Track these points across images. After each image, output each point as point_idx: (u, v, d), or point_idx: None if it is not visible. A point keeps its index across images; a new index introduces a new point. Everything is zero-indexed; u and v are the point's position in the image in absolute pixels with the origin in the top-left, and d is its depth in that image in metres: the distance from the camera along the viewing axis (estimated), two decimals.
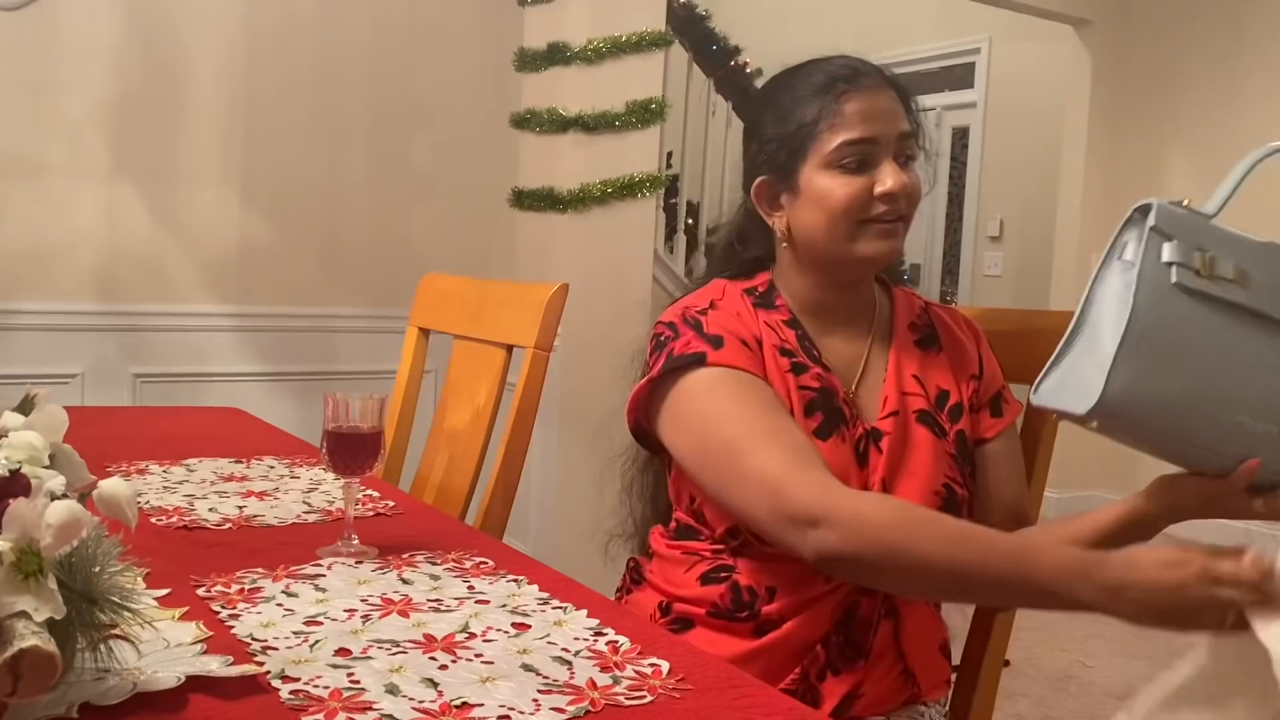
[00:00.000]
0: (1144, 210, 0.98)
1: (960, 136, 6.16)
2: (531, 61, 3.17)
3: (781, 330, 1.19)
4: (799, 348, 1.18)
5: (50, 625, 0.68)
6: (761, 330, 1.17)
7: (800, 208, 1.17)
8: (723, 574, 1.16)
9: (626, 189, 3.11)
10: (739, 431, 1.08)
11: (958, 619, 1.34)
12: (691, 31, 4.20)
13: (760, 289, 1.23)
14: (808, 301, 1.21)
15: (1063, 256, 5.09)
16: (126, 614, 0.74)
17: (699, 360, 1.12)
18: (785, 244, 1.20)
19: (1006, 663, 3.16)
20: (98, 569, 0.73)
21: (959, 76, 6.08)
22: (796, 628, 1.13)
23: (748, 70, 4.31)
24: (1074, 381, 0.96)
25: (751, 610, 1.14)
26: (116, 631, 0.77)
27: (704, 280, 1.28)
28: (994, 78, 5.87)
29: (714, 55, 4.31)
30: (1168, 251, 0.96)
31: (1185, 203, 1.00)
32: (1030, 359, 1.28)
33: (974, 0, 4.82)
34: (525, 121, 3.20)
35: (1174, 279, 0.95)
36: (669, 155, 4.44)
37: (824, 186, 1.14)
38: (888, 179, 1.12)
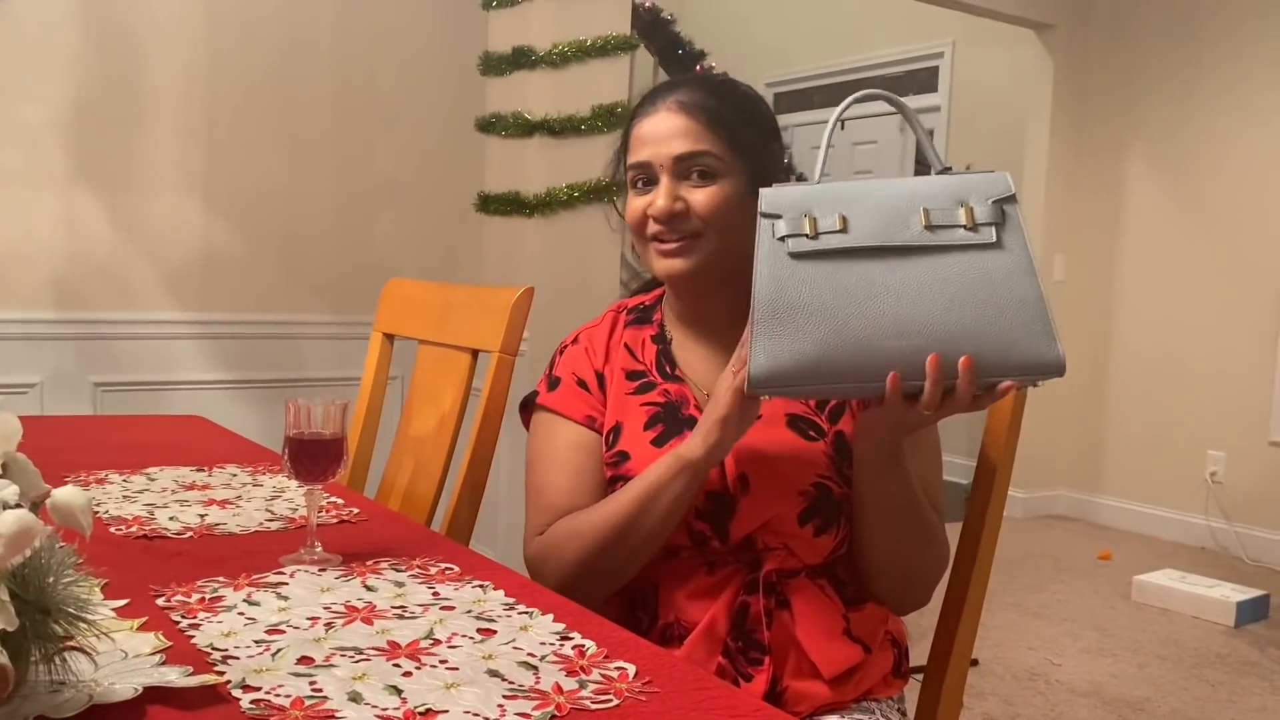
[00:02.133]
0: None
1: None
2: (496, 65, 3.17)
3: (644, 348, 1.28)
4: (654, 364, 1.26)
5: (2, 637, 0.66)
6: (614, 358, 1.28)
7: None
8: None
9: (593, 193, 3.11)
10: (531, 480, 1.28)
11: (925, 618, 1.34)
12: (657, 35, 4.21)
13: (647, 304, 1.33)
14: (679, 312, 1.28)
15: None
16: (82, 625, 0.73)
17: (534, 398, 1.31)
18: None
19: (975, 662, 3.20)
20: (52, 579, 0.71)
21: (923, 80, 6.12)
22: (700, 633, 1.15)
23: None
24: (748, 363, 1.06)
25: (646, 609, 1.19)
26: (72, 643, 0.76)
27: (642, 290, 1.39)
28: (957, 81, 5.92)
29: (680, 59, 4.32)
30: (778, 229, 1.04)
31: (795, 178, 1.13)
32: None
33: (937, 5, 4.87)
34: (490, 125, 3.19)
35: (789, 250, 1.03)
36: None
37: (627, 204, 1.25)
38: (656, 198, 1.19)
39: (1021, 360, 0.99)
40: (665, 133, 1.19)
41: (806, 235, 1.02)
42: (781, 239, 1.03)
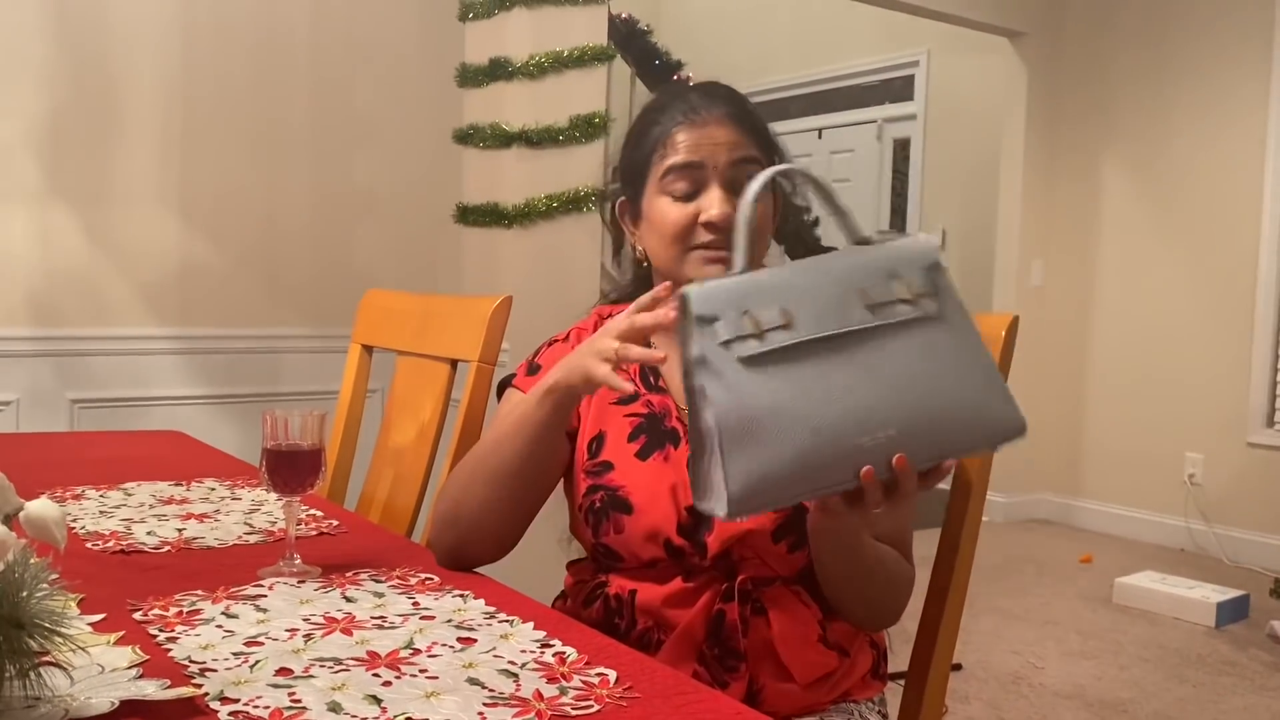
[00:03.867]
0: (683, 303, 0.97)
1: (901, 148, 6.25)
2: (473, 77, 3.16)
3: None
4: (638, 374, 1.25)
5: None
6: None
7: (645, 231, 1.24)
8: (598, 591, 1.22)
9: (571, 203, 3.11)
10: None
11: (906, 623, 1.34)
12: (633, 46, 4.22)
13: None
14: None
15: (1004, 263, 5.18)
16: (57, 639, 0.72)
17: (511, 378, 1.30)
18: (644, 264, 1.27)
19: (958, 666, 3.21)
20: (25, 593, 0.71)
21: (899, 89, 6.17)
22: (676, 638, 1.15)
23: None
24: (711, 486, 0.96)
25: (624, 616, 1.18)
26: (48, 658, 0.75)
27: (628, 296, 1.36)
28: (933, 90, 5.96)
29: (657, 70, 4.33)
30: (719, 332, 0.95)
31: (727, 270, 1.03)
32: None
33: (912, 14, 4.90)
34: (468, 137, 3.18)
35: (738, 356, 0.94)
36: (614, 170, 4.45)
37: (659, 211, 1.20)
38: (711, 207, 1.17)
39: (987, 428, 0.97)
40: (717, 139, 1.18)
41: (753, 336, 0.95)
42: (726, 344, 0.94)
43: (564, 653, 0.90)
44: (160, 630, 0.93)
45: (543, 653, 0.90)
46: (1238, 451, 4.50)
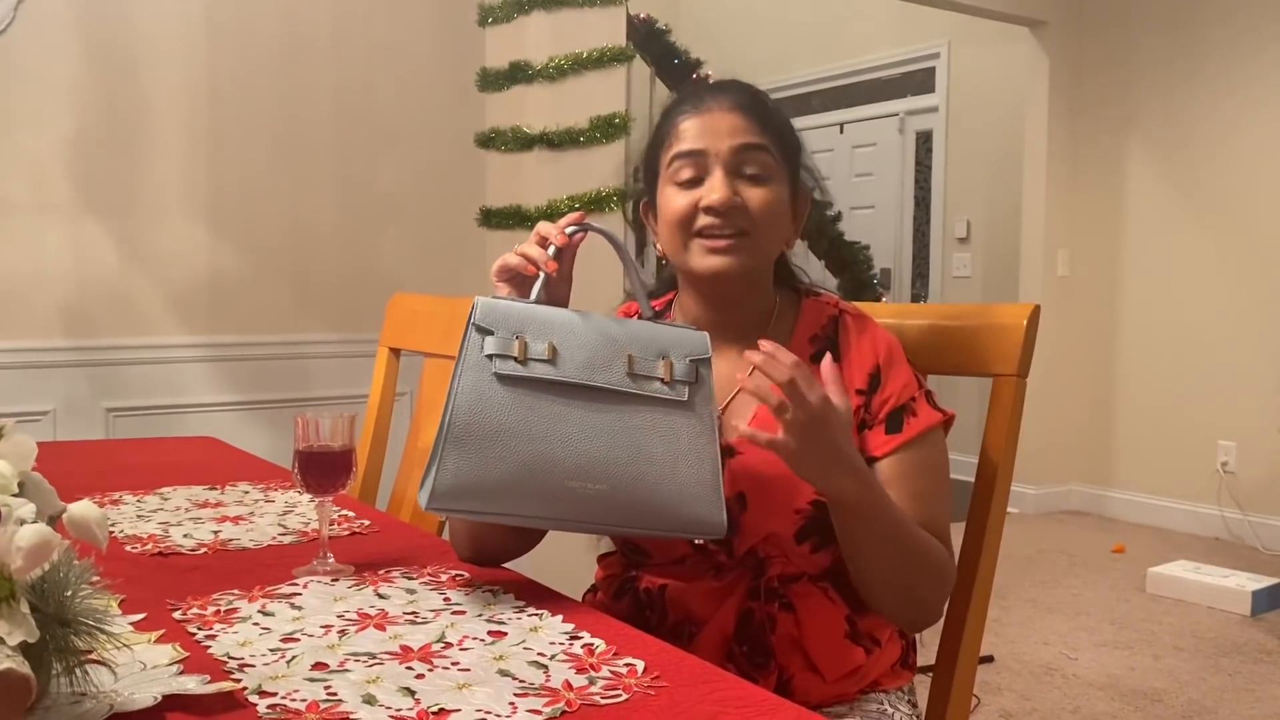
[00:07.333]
0: (471, 310, 1.07)
1: (924, 141, 6.23)
2: (494, 81, 3.19)
3: None
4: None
5: (25, 650, 0.68)
6: None
7: (660, 225, 1.24)
8: (628, 586, 1.23)
9: (594, 204, 3.12)
10: None
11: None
12: (652, 46, 4.22)
13: (657, 309, 1.30)
14: (695, 318, 1.25)
15: (1030, 255, 5.15)
16: (101, 637, 0.74)
17: None
18: (665, 262, 1.26)
19: (990, 658, 3.19)
20: (70, 593, 0.73)
21: (920, 82, 6.14)
22: (705, 635, 1.15)
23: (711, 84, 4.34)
24: (429, 477, 1.03)
25: (654, 609, 1.19)
26: (92, 656, 0.77)
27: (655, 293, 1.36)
28: (954, 81, 5.94)
29: (676, 69, 4.34)
30: (487, 345, 1.04)
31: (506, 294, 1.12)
32: (983, 354, 1.31)
33: (932, 6, 4.89)
34: (490, 140, 3.21)
35: (493, 370, 1.03)
36: (636, 169, 4.46)
37: (665, 200, 1.21)
38: (712, 191, 1.16)
39: (688, 518, 1.05)
40: (721, 126, 1.18)
41: (515, 359, 1.04)
42: (489, 357, 1.03)
43: (592, 644, 0.92)
44: (199, 629, 0.95)
45: (571, 644, 0.92)
46: (1271, 438, 4.45)
